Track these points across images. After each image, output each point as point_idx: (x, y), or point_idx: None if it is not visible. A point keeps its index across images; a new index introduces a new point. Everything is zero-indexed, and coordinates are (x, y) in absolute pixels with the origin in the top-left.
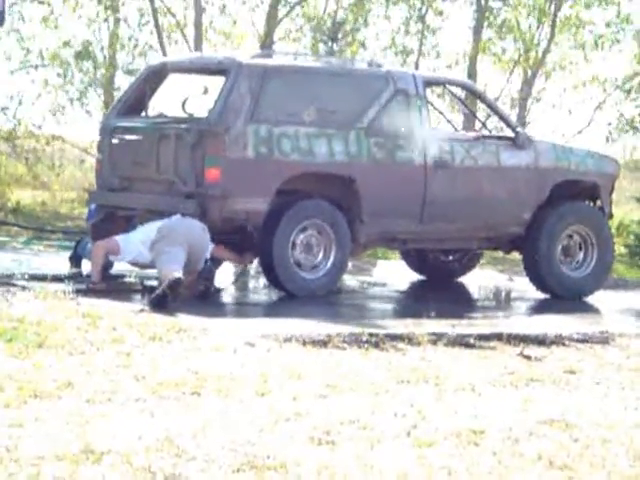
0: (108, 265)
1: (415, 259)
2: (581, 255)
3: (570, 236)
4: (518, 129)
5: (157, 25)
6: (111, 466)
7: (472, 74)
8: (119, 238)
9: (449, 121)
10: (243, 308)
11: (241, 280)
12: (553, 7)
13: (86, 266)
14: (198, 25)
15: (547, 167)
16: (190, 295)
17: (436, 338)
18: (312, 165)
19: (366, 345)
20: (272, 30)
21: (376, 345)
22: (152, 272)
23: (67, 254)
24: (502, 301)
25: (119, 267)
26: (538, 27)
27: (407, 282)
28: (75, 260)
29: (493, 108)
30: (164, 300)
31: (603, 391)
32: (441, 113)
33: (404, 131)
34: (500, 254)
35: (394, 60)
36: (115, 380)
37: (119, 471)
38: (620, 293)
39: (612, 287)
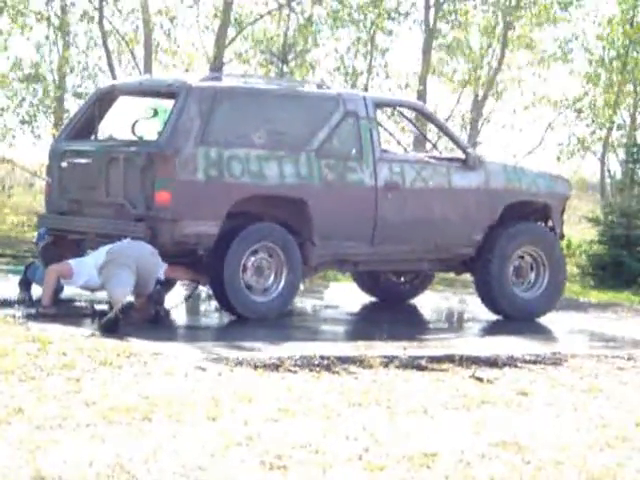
0: (58, 289)
1: (367, 281)
2: (533, 276)
3: (522, 257)
4: (469, 150)
5: (106, 47)
6: None
7: (422, 95)
8: (72, 262)
9: (399, 143)
10: (194, 332)
11: (192, 299)
12: (503, 26)
13: (36, 290)
14: (147, 47)
15: (498, 188)
16: (141, 319)
17: (388, 361)
18: (263, 187)
19: (318, 368)
20: (222, 52)
21: (328, 368)
22: (102, 296)
23: (17, 278)
24: (454, 323)
25: (69, 291)
26: (488, 47)
27: (359, 304)
28: (24, 284)
29: (443, 129)
30: (115, 324)
31: (556, 412)
32: (391, 135)
33: (354, 153)
34: (452, 275)
35: (343, 82)
36: (66, 406)
37: None
38: (572, 314)
39: (564, 308)
